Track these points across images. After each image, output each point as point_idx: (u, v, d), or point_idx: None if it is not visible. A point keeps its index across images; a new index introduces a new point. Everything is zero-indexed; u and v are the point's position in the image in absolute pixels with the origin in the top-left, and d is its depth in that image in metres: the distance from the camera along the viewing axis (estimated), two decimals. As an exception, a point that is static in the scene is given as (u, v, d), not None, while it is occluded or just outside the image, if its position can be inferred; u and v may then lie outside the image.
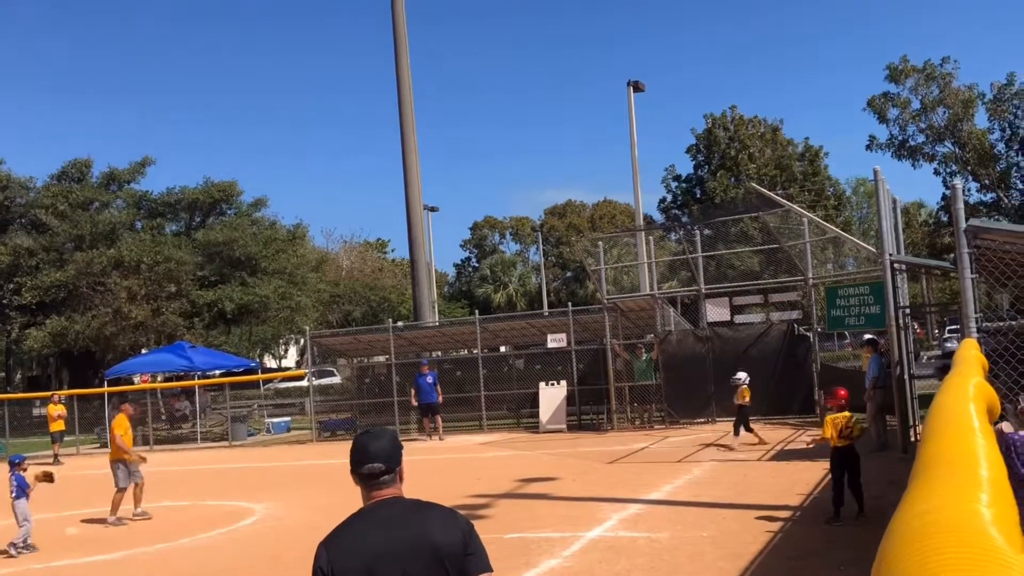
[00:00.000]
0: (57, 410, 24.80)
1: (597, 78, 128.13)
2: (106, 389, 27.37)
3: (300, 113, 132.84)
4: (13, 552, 11.16)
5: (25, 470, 11.71)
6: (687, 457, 15.98)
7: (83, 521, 13.91)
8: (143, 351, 37.56)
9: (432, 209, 51.17)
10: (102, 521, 13.46)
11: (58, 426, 24.66)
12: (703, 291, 22.58)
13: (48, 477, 11.83)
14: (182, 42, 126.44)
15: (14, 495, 11.45)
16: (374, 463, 3.04)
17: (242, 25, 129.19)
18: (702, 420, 21.14)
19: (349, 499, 11.89)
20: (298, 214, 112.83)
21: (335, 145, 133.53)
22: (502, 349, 31.23)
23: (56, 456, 24.24)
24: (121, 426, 13.89)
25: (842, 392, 10.26)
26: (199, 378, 31.43)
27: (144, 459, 14.34)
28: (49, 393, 27.48)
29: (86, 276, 37.90)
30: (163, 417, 31.59)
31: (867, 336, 17.80)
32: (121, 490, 13.56)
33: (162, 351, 32.45)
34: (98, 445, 27.50)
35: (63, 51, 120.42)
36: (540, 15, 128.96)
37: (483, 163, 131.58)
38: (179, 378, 31.91)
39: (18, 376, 58.94)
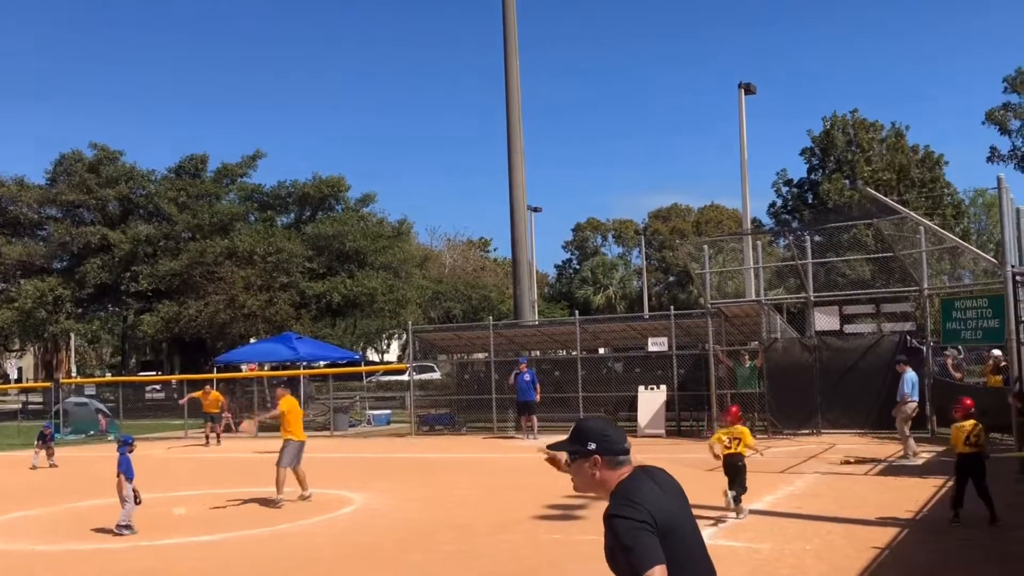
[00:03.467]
0: (215, 397, 25.47)
1: (706, 80, 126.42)
2: (215, 375, 28.14)
3: (407, 112, 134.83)
4: (117, 532, 11.51)
5: (132, 451, 12.03)
6: (790, 468, 15.56)
7: (191, 503, 14.33)
8: (252, 340, 38.60)
9: (535, 210, 51.22)
10: (212, 502, 13.81)
11: (213, 407, 25.37)
12: (812, 299, 21.97)
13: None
14: (293, 40, 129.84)
15: (125, 476, 11.74)
16: (627, 442, 3.31)
17: (351, 21, 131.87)
18: (806, 431, 20.55)
19: (445, 492, 11.93)
20: (403, 211, 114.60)
21: (441, 144, 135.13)
22: (601, 351, 31.02)
23: (207, 437, 25.00)
24: (288, 403, 13.97)
25: (968, 401, 10.51)
26: (304, 368, 32.14)
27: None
28: (208, 376, 28.24)
29: (200, 265, 39.17)
30: (268, 405, 32.40)
31: (899, 356, 18.00)
32: (282, 468, 13.54)
33: (270, 341, 33.28)
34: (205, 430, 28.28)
35: (180, 45, 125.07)
36: (648, 14, 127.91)
37: (587, 165, 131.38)
38: (285, 368, 32.68)
39: (132, 360, 61.35)
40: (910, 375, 16.46)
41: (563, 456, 3.43)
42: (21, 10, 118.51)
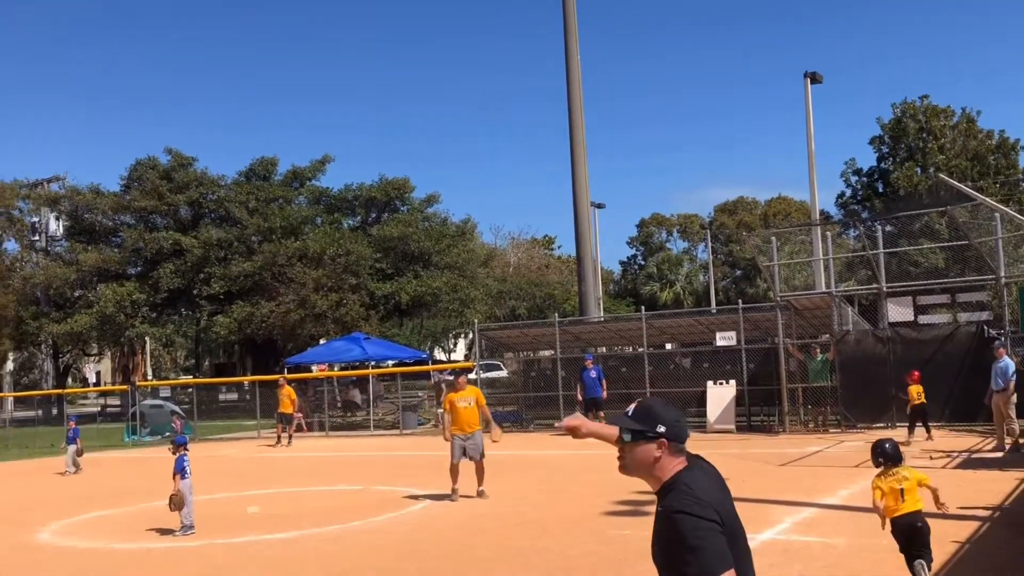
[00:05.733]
0: (287, 393, 25.60)
1: (771, 70, 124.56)
2: (286, 376, 28.53)
3: (470, 110, 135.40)
4: (183, 532, 11.66)
5: (187, 451, 12.23)
6: (865, 462, 15.20)
7: (264, 501, 14.55)
8: (322, 341, 39.14)
9: (599, 206, 50.98)
10: (277, 502, 14.00)
11: (286, 408, 25.54)
12: (884, 290, 21.48)
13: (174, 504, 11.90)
14: (356, 45, 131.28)
15: (181, 475, 11.92)
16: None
17: (412, 23, 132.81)
18: (881, 425, 20.10)
19: (513, 489, 11.88)
20: (467, 210, 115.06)
21: (504, 142, 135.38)
22: (668, 347, 30.77)
23: (279, 437, 25.28)
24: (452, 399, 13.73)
25: None
26: (373, 368, 32.45)
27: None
28: (276, 377, 28.48)
29: (271, 267, 39.84)
30: (338, 405, 32.83)
31: (997, 340, 17.45)
32: (477, 462, 13.41)
33: (339, 341, 33.69)
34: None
35: (250, 54, 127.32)
36: (711, 3, 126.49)
37: (651, 160, 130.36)
38: (354, 368, 33.05)
39: (206, 363, 62.65)
40: (1008, 362, 15.79)
41: (610, 431, 3.31)
42: (113, 24, 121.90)
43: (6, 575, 10.16)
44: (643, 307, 32.45)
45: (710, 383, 22.80)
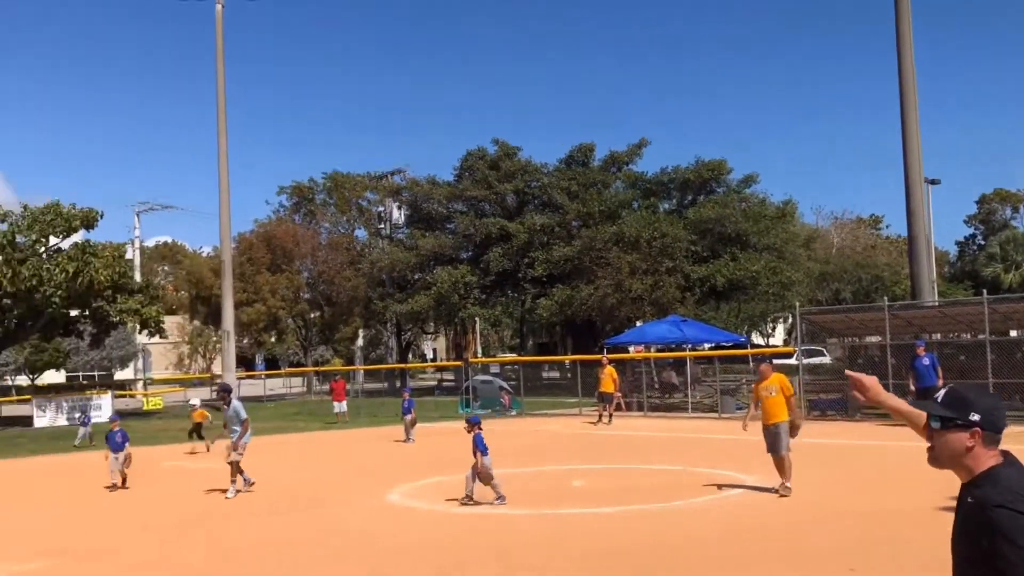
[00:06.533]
0: (609, 373, 26.09)
1: None
2: (608, 356, 29.22)
3: (791, 87, 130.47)
4: (497, 502, 12.40)
5: (481, 429, 12.73)
6: None
7: (587, 476, 15.22)
8: (638, 323, 39.79)
9: (933, 182, 47.51)
10: (605, 477, 14.59)
11: (607, 387, 26.18)
12: None
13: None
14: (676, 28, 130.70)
15: (482, 452, 12.53)
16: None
17: (729, 15, 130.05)
18: None
19: (838, 478, 11.62)
20: (787, 191, 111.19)
21: (827, 121, 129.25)
22: (1012, 333, 28.19)
23: (600, 416, 26.06)
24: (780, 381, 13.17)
25: None
26: (690, 351, 32.55)
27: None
28: (598, 357, 29.38)
29: (590, 251, 41.09)
30: (656, 386, 33.26)
31: None
32: (779, 456, 12.83)
33: (656, 324, 34.08)
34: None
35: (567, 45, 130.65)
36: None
37: (991, 133, 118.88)
38: (671, 349, 33.31)
39: (530, 342, 65.69)
40: None
41: (916, 413, 3.15)
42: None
43: (368, 532, 11.46)
44: (984, 290, 29.97)
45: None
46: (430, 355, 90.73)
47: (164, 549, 10.74)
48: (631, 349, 35.76)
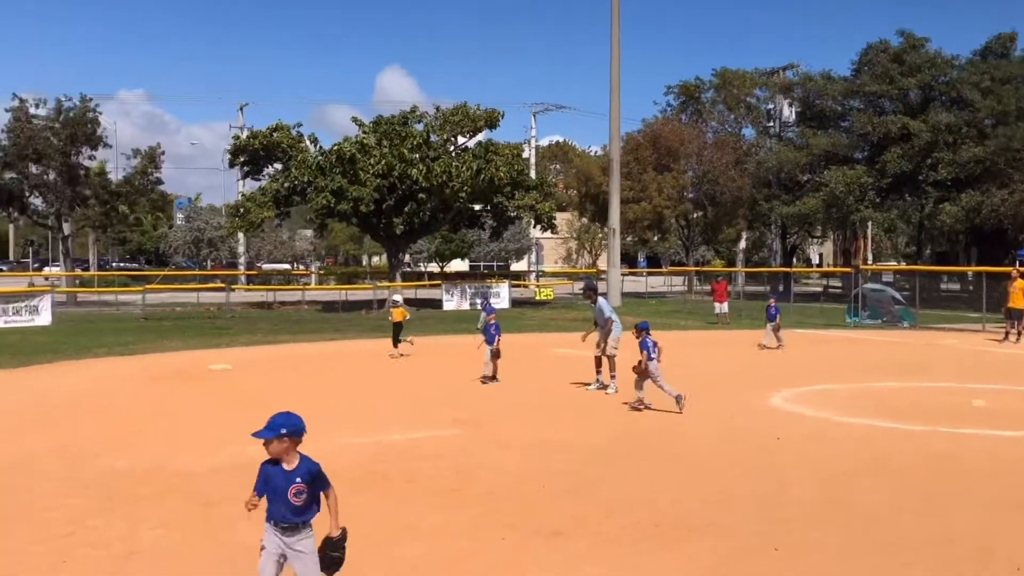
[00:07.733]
0: (1020, 287, 23.76)
1: None
2: (1017, 268, 26.30)
3: None
4: (679, 407, 12.36)
5: (649, 334, 12.59)
6: None
7: (989, 396, 14.16)
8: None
9: None
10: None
11: (1017, 302, 23.80)
12: None
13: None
14: None
15: (647, 356, 12.49)
16: None
17: None
18: None
19: None
20: None
21: None
22: None
23: (1007, 333, 23.92)
24: None
25: None
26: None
27: None
28: (1008, 269, 26.64)
29: (1005, 152, 37.10)
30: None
31: None
32: None
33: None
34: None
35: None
36: None
37: None
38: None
39: (927, 251, 61.04)
40: None
41: None
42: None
43: (754, 431, 11.60)
44: None
45: None
46: (815, 260, 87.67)
47: (549, 429, 11.64)
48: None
